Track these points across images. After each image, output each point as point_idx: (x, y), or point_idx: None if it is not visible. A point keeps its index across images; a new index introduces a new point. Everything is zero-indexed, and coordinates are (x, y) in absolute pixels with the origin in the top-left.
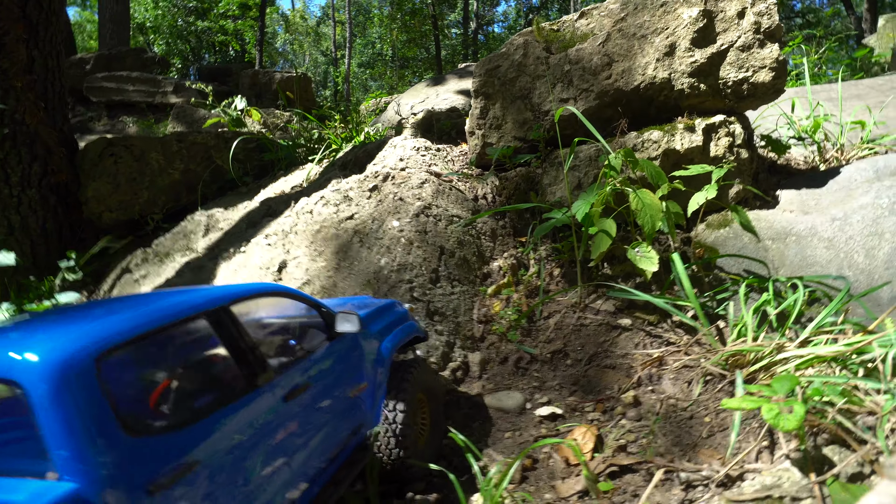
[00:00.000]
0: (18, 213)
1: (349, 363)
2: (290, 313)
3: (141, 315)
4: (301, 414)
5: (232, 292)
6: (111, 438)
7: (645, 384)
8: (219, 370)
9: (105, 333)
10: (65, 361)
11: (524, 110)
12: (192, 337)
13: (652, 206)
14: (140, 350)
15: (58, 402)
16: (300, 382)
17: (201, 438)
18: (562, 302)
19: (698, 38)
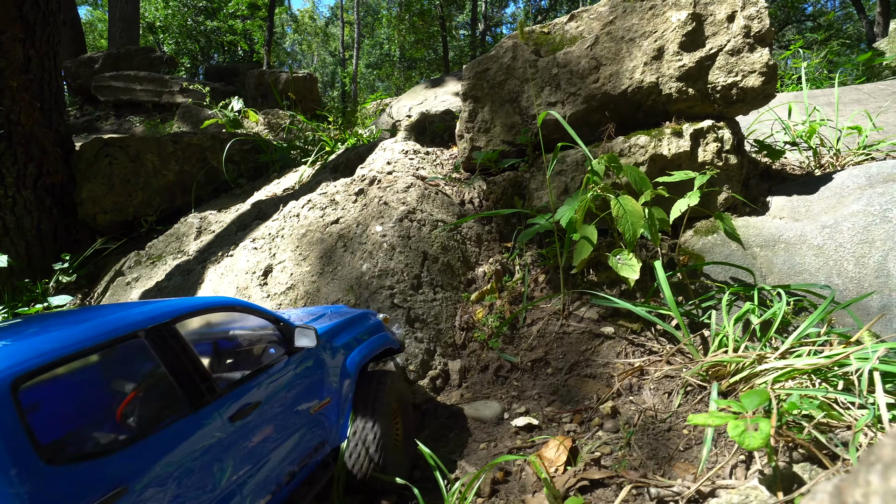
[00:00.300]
0: (13, 213)
1: (309, 378)
2: (245, 328)
3: (70, 335)
4: (251, 433)
5: (176, 308)
6: (27, 468)
7: (625, 394)
8: (157, 391)
9: (26, 355)
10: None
11: (513, 114)
12: (128, 356)
13: (633, 212)
14: (69, 372)
15: None
16: (250, 401)
17: (134, 463)
18: (545, 309)
19: (687, 41)
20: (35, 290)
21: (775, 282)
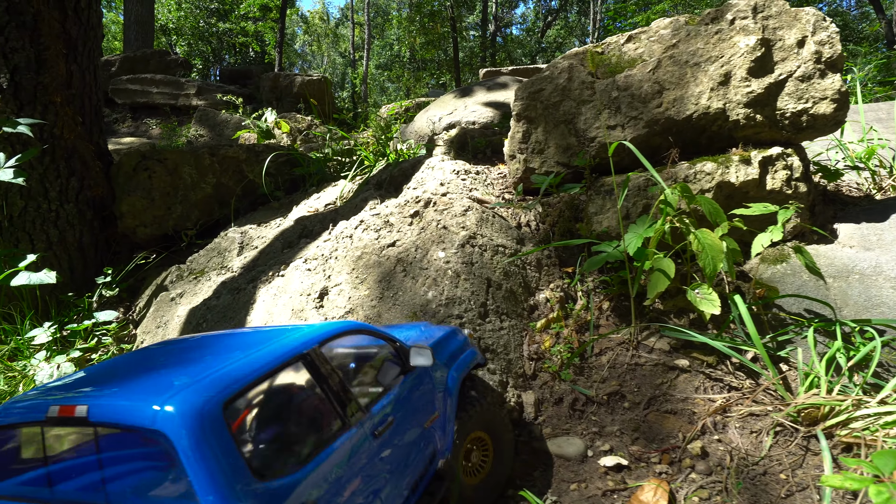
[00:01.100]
0: (57, 227)
1: (423, 395)
2: (369, 349)
3: (254, 360)
4: (388, 447)
5: (321, 333)
6: (247, 483)
7: (710, 433)
8: (318, 410)
9: (227, 380)
10: (201, 411)
11: (568, 135)
12: (292, 379)
13: (713, 246)
14: (254, 395)
15: (201, 451)
16: (386, 418)
17: (315, 478)
18: (613, 339)
19: (755, 67)
20: (80, 304)
21: (851, 315)
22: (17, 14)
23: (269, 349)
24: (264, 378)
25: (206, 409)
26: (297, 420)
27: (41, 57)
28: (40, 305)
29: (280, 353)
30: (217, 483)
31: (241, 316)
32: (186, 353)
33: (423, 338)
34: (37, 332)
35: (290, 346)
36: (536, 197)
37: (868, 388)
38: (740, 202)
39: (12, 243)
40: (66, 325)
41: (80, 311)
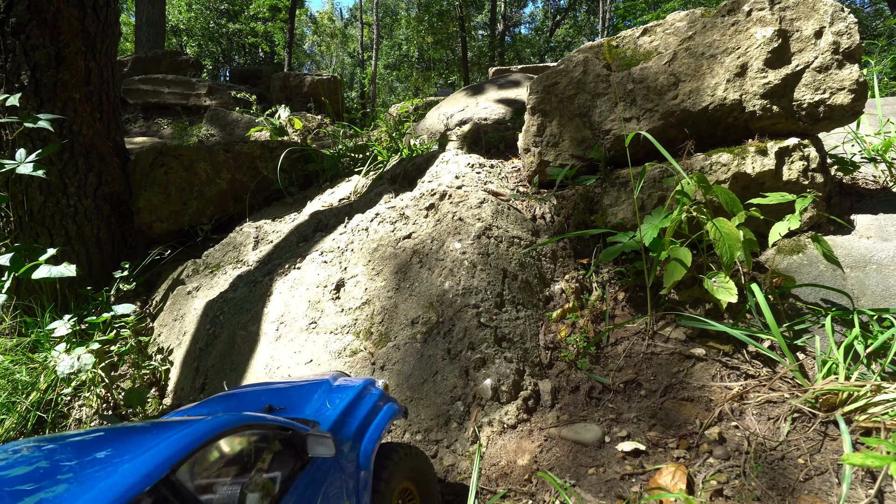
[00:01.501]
0: (75, 222)
1: (330, 483)
2: (255, 445)
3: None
4: None
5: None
6: None
7: (727, 419)
8: None
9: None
10: None
11: (582, 128)
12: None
13: (730, 235)
14: None
15: None
16: None
17: None
18: (629, 328)
19: (772, 58)
20: (98, 297)
21: (869, 304)
22: (37, 12)
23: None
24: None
25: None
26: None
27: (61, 54)
28: (59, 299)
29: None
30: None
31: (258, 308)
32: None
33: (325, 408)
34: (57, 325)
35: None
36: (551, 190)
37: (886, 376)
38: (756, 193)
39: (32, 238)
40: (85, 318)
41: (99, 304)
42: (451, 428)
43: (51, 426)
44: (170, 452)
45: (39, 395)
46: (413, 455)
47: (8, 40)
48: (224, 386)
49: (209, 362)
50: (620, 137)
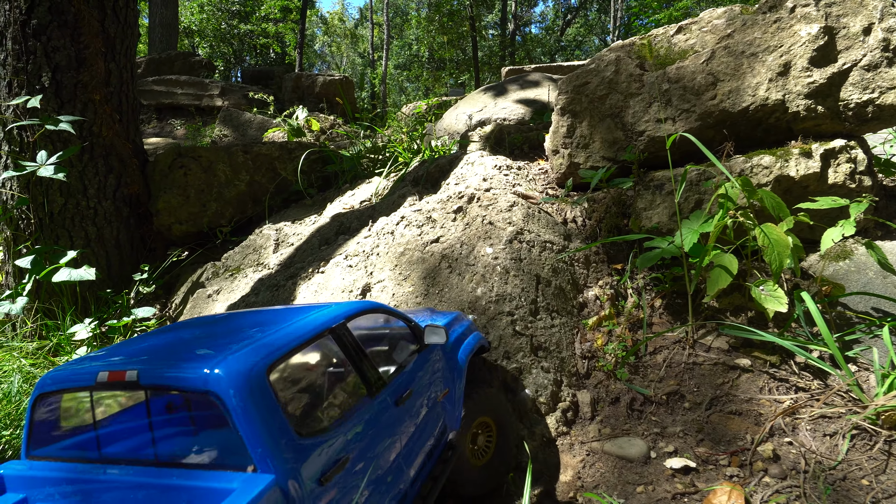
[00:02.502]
0: (95, 224)
1: (436, 372)
2: (389, 328)
3: (290, 332)
4: (407, 416)
5: (346, 310)
6: (290, 439)
7: (779, 435)
8: (345, 379)
9: (269, 348)
10: (248, 374)
11: (614, 129)
12: (322, 350)
13: (779, 241)
14: (292, 362)
15: (249, 410)
16: (405, 389)
17: (345, 438)
18: (668, 337)
19: (817, 56)
20: (118, 300)
21: None
22: (58, 14)
23: (301, 323)
24: (299, 348)
25: (253, 373)
26: (329, 386)
27: (81, 55)
28: (80, 301)
29: (311, 327)
30: (264, 438)
31: None
32: (223, 326)
33: (433, 321)
34: (77, 328)
35: (319, 321)
36: (581, 193)
37: None
38: (799, 197)
39: (52, 240)
40: (105, 322)
41: (119, 307)
42: None
43: None
44: (343, 311)
45: None
46: (496, 397)
47: (29, 42)
48: None
49: None
50: (655, 139)
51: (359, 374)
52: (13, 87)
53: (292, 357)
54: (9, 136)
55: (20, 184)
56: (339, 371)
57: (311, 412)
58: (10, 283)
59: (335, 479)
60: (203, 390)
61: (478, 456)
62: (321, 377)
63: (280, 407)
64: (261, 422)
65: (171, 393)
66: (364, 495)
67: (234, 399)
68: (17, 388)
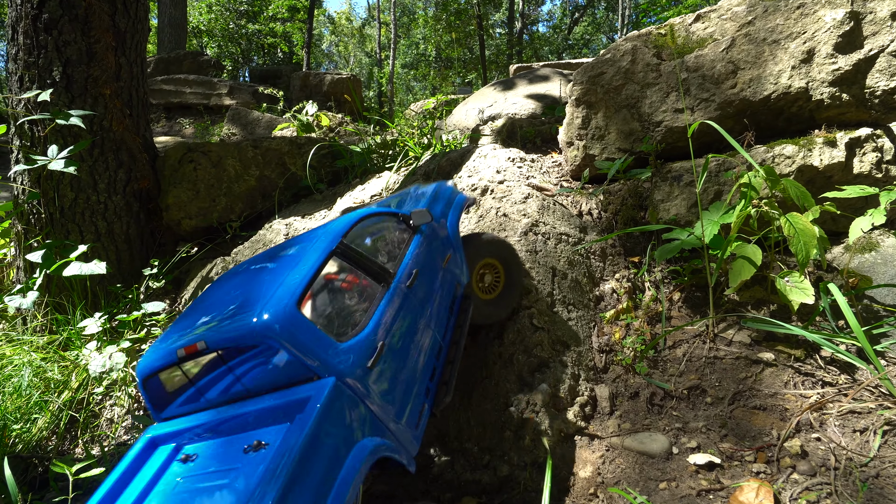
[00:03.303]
0: (105, 219)
1: (432, 244)
2: (381, 225)
3: (303, 270)
4: (420, 290)
5: (340, 229)
6: (333, 348)
7: (807, 430)
8: (360, 284)
9: (291, 289)
10: (285, 312)
11: (630, 120)
12: (332, 269)
13: (805, 231)
14: (314, 291)
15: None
16: (411, 272)
17: (376, 329)
18: (687, 331)
19: (843, 42)
20: (128, 295)
21: None
22: (69, 8)
23: (309, 256)
24: (315, 277)
25: (288, 311)
26: (349, 295)
27: (91, 50)
28: (90, 296)
29: (317, 257)
30: (314, 354)
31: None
32: (250, 279)
33: (416, 200)
34: (88, 323)
35: (322, 249)
36: (597, 185)
37: None
38: (822, 188)
39: (63, 234)
40: (115, 316)
41: (129, 302)
42: (506, 437)
43: (82, 426)
44: (338, 230)
45: (71, 393)
46: (495, 242)
47: (40, 36)
48: None
49: None
50: (672, 129)
51: (369, 275)
52: (24, 82)
53: (312, 287)
54: (20, 131)
55: (31, 178)
56: (352, 279)
57: (341, 321)
58: (22, 277)
59: (380, 361)
60: (260, 338)
61: (486, 291)
62: (340, 290)
63: (317, 327)
64: (307, 344)
65: (235, 347)
66: (413, 357)
67: (283, 335)
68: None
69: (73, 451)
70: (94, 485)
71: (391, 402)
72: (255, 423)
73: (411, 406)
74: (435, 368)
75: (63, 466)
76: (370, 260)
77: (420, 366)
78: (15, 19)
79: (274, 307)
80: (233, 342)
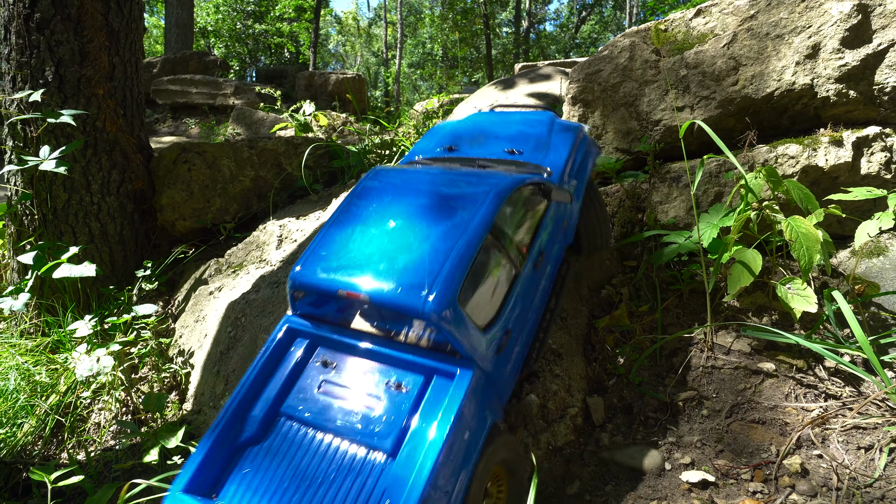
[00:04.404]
0: (98, 220)
1: (561, 215)
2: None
3: (464, 251)
4: (543, 270)
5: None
6: (478, 337)
7: (808, 447)
8: (501, 266)
9: (455, 276)
10: (450, 301)
11: (628, 119)
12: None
13: (808, 236)
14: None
15: (452, 327)
16: (540, 251)
17: (507, 315)
18: (684, 338)
19: (850, 37)
20: (120, 297)
21: None
22: (62, 7)
23: (470, 237)
24: (473, 263)
25: (451, 300)
26: (491, 281)
27: (84, 49)
28: (82, 298)
29: (478, 235)
30: (465, 344)
31: (282, 309)
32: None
33: (556, 158)
34: (78, 325)
35: (482, 224)
36: None
37: None
38: (827, 189)
39: (56, 236)
40: (106, 319)
41: (121, 304)
42: None
43: (69, 431)
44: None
45: (59, 397)
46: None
47: (33, 36)
48: None
49: (230, 366)
50: (671, 128)
51: (508, 258)
52: (17, 82)
53: (468, 273)
54: (12, 131)
55: (24, 179)
56: (495, 262)
57: (482, 304)
58: (15, 278)
59: (506, 347)
60: (421, 317)
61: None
62: (486, 276)
63: (470, 320)
64: (460, 334)
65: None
66: (524, 337)
67: (443, 322)
68: (14, 386)
69: (58, 457)
70: (77, 489)
71: (506, 383)
72: (393, 365)
73: (512, 373)
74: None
75: (41, 474)
76: (511, 239)
77: (527, 341)
78: (7, 19)
79: (440, 294)
80: (394, 308)
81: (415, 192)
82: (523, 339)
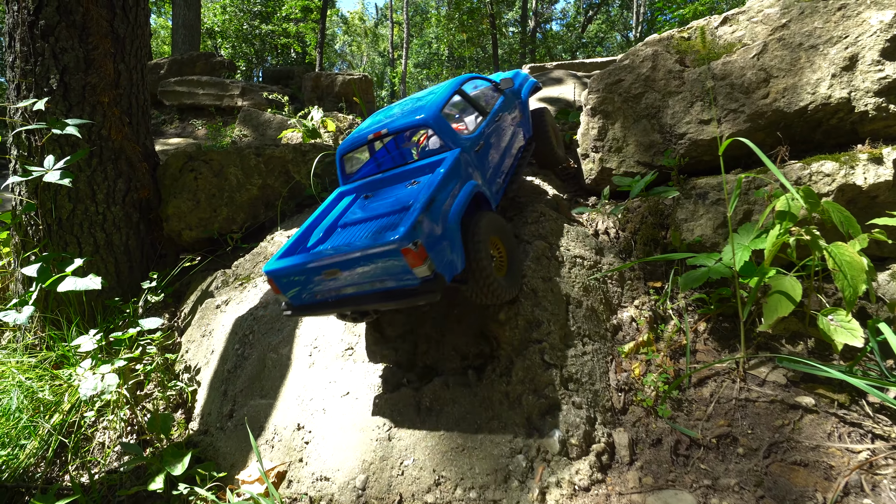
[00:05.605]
0: (103, 230)
1: (512, 104)
2: (482, 84)
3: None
4: (502, 128)
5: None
6: (460, 138)
7: (855, 494)
8: (474, 112)
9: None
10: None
11: (651, 132)
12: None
13: (853, 264)
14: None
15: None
16: (498, 113)
17: (480, 134)
18: (715, 367)
19: (891, 48)
20: (126, 309)
21: None
22: (66, 14)
23: (444, 91)
24: (449, 99)
25: (436, 112)
26: (465, 114)
27: (89, 57)
28: (87, 311)
29: (449, 91)
30: (451, 141)
31: (290, 328)
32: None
33: (503, 76)
34: (82, 340)
35: (451, 87)
36: (615, 201)
37: None
38: (864, 209)
39: (61, 246)
40: (111, 333)
41: (126, 317)
42: (512, 487)
43: (73, 451)
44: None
45: (62, 416)
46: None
47: (37, 43)
48: (253, 409)
49: (238, 386)
50: (697, 142)
51: (475, 107)
52: (21, 90)
53: (448, 103)
54: (17, 140)
55: (28, 189)
56: (470, 111)
57: (462, 124)
58: (20, 290)
59: (481, 150)
60: (423, 125)
61: None
62: (467, 112)
63: (450, 124)
64: (446, 131)
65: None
66: (493, 157)
67: (434, 125)
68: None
69: (61, 479)
70: None
71: (484, 171)
72: (412, 174)
73: (492, 178)
74: (505, 174)
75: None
76: (475, 99)
77: (497, 163)
78: (12, 26)
79: (430, 111)
80: (404, 128)
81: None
82: (496, 160)
